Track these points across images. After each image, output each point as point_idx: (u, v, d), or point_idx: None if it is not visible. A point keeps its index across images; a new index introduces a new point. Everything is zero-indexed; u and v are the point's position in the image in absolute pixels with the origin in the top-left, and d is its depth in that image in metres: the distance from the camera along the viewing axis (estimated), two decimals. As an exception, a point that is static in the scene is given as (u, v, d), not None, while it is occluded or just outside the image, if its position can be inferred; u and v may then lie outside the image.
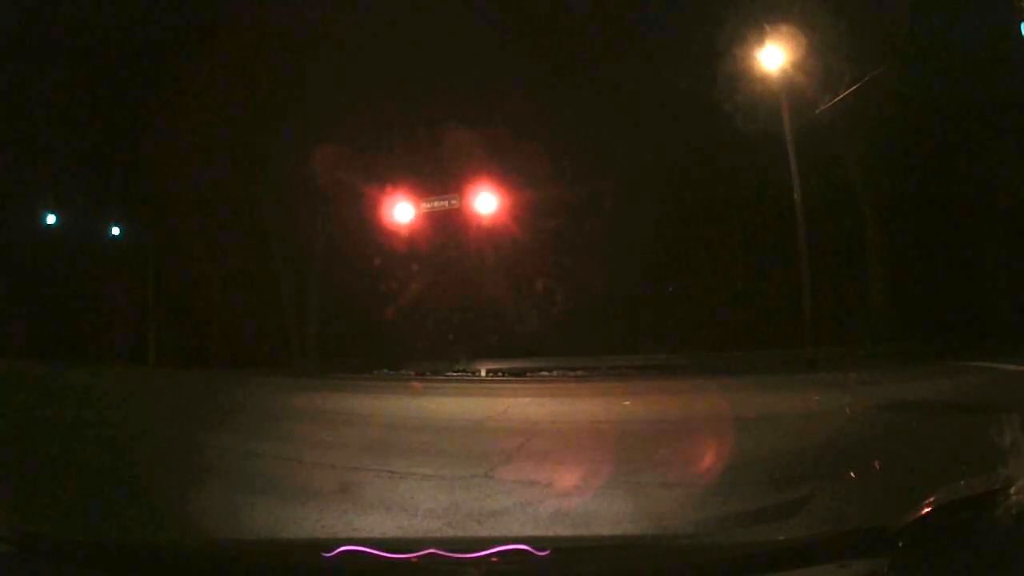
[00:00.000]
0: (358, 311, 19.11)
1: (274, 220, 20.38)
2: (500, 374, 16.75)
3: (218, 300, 20.96)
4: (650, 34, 17.52)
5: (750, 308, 17.16)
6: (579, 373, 16.29)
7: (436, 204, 17.79)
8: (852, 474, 5.14)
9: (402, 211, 17.73)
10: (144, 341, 23.23)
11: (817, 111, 15.48)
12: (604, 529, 4.43)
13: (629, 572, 2.58)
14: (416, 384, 15.67)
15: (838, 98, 14.95)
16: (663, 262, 18.62)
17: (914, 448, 6.16)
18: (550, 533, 4.37)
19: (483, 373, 16.94)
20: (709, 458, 6.19)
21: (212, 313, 21.15)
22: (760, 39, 15.41)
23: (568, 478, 5.86)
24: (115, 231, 24.25)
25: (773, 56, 15.40)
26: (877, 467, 5.47)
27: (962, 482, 2.46)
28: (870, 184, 16.62)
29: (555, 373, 16.50)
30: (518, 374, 16.58)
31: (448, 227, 18.43)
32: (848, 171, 16.79)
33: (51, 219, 23.17)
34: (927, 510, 2.26)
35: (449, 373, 17.17)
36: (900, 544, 2.20)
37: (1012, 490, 2.26)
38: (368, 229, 18.36)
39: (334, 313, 20.28)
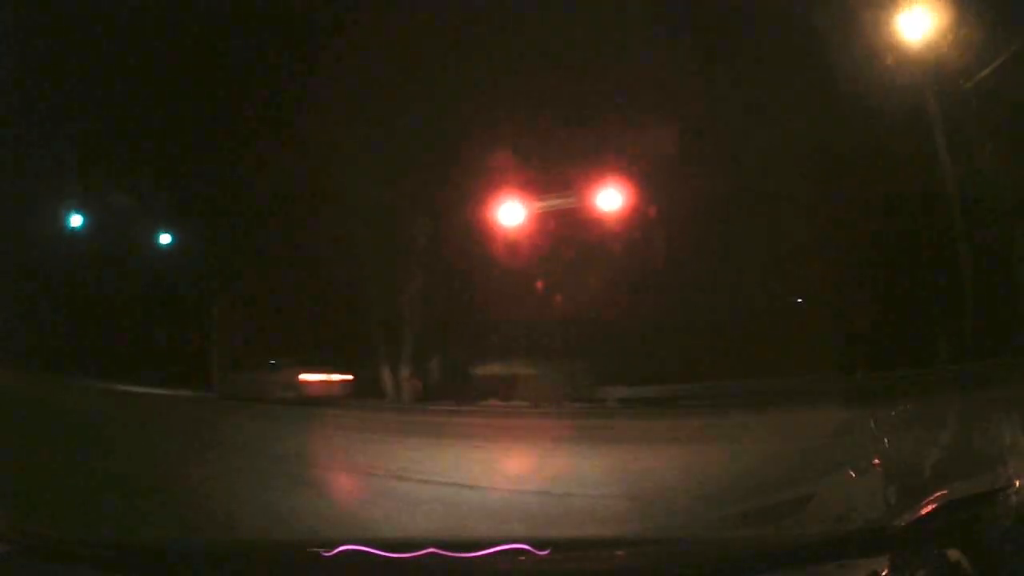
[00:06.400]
0: (462, 329, 16.80)
1: (363, 227, 17.75)
2: (636, 404, 13.20)
3: (295, 318, 18.61)
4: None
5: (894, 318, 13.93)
6: (742, 401, 11.53)
7: (553, 203, 15.40)
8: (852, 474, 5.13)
9: (513, 212, 15.48)
10: (207, 365, 20.33)
11: (966, 88, 12.52)
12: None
13: (629, 572, 2.58)
14: (542, 421, 12.88)
15: (987, 71, 11.91)
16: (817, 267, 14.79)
17: (914, 448, 6.15)
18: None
19: (611, 402, 13.53)
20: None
21: (288, 332, 18.79)
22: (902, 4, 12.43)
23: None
24: (164, 238, 20.94)
25: (917, 23, 12.37)
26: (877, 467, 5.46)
27: (962, 482, 2.46)
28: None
29: (710, 401, 12.49)
30: (657, 403, 12.77)
31: (567, 229, 15.78)
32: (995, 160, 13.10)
33: (76, 220, 19.75)
34: (927, 510, 2.26)
35: (573, 403, 13.99)
36: (900, 544, 2.20)
37: (1012, 490, 2.27)
38: (474, 234, 16.04)
39: (433, 332, 17.59)
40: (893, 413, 8.00)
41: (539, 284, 15.15)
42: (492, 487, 6.41)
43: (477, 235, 15.65)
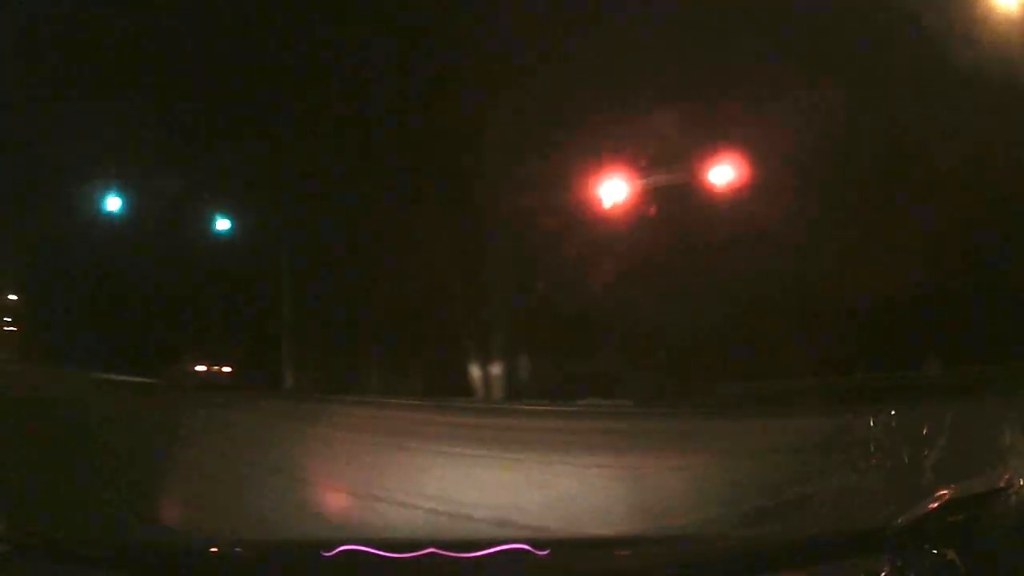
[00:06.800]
0: (557, 319, 14.68)
1: (441, 212, 15.93)
2: (750, 402, 11.55)
3: (370, 313, 17.18)
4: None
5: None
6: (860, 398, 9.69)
7: (660, 179, 13.22)
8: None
9: (614, 189, 13.20)
10: (276, 364, 18.99)
11: None
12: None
13: (629, 572, 2.58)
14: (651, 423, 10.83)
15: None
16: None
17: (914, 448, 6.15)
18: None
19: (724, 400, 11.79)
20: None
21: (362, 330, 17.46)
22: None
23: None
24: (222, 224, 17.95)
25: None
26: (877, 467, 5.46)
27: (962, 482, 2.46)
28: None
29: (827, 397, 10.09)
30: (772, 401, 10.92)
31: (674, 208, 13.56)
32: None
33: (114, 204, 16.35)
34: (927, 510, 2.26)
35: (682, 401, 12.21)
36: (900, 544, 2.20)
37: (1012, 490, 2.26)
38: (569, 213, 13.95)
39: (524, 323, 15.61)
40: (893, 412, 8.00)
41: (643, 269, 13.37)
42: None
43: (573, 215, 13.79)
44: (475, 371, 15.33)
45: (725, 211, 12.79)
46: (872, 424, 7.36)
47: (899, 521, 2.26)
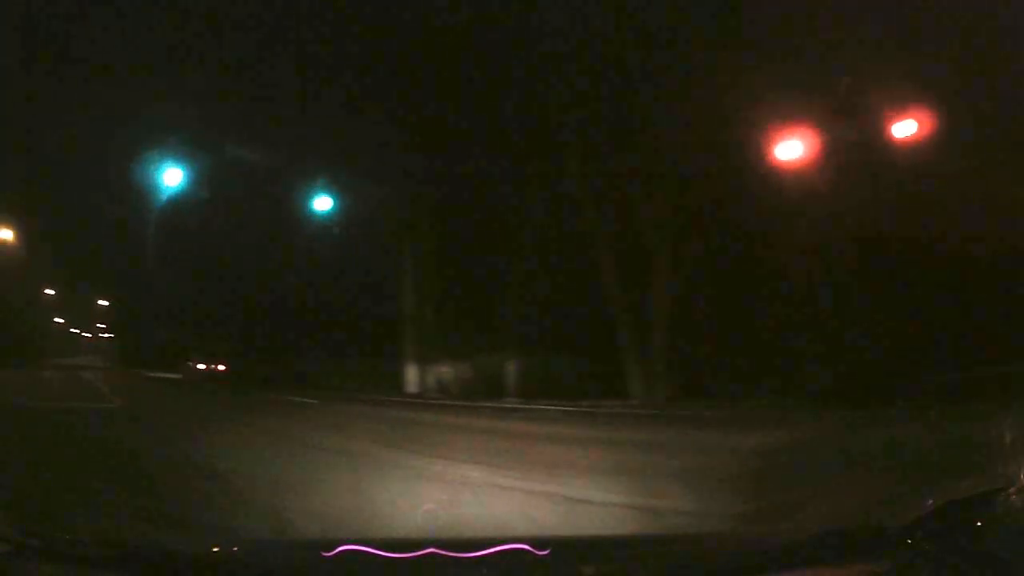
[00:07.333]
0: (734, 303, 12.57)
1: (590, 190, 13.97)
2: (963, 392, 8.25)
3: (506, 303, 15.30)
4: None
5: None
6: None
7: (842, 133, 10.94)
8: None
9: (791, 149, 11.16)
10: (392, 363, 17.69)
11: None
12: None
13: (629, 572, 2.58)
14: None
15: None
16: None
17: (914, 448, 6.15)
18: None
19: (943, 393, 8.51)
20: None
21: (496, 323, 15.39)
22: None
23: None
24: (322, 202, 14.87)
25: None
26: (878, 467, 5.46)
27: (962, 482, 2.46)
28: None
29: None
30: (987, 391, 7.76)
31: (864, 170, 10.97)
32: None
33: (175, 176, 13.34)
34: (927, 510, 2.26)
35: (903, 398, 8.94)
36: (900, 544, 2.20)
37: (1012, 490, 2.27)
38: (745, 180, 11.79)
39: (697, 309, 13.21)
40: (895, 412, 7.98)
41: (840, 240, 11.35)
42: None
43: (748, 181, 11.71)
44: (633, 367, 13.33)
45: (910, 172, 10.39)
46: (877, 424, 7.35)
47: (899, 521, 2.26)
